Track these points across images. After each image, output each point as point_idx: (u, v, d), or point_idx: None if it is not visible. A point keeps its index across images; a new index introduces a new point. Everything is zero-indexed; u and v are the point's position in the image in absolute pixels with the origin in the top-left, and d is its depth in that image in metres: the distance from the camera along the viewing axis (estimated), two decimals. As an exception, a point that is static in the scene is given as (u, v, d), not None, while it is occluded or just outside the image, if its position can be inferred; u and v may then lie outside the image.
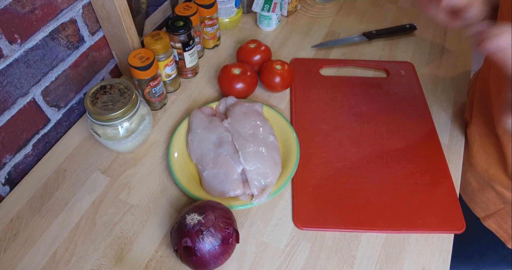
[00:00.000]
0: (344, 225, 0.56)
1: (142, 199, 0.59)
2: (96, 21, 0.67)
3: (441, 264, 0.53)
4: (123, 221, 0.57)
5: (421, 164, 0.63)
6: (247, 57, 0.74)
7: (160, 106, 0.72)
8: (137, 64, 0.61)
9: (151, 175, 0.62)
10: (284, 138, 0.65)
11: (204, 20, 0.78)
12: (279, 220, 0.57)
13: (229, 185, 0.57)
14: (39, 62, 0.60)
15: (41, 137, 0.65)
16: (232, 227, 0.50)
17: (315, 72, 0.78)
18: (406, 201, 0.59)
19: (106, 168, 0.63)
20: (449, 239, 0.55)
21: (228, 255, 0.50)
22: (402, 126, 0.68)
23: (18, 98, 0.59)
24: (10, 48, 0.54)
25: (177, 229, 0.49)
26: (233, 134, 0.62)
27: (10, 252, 0.54)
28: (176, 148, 0.63)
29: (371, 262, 0.53)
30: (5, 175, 0.61)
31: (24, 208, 0.59)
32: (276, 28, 0.89)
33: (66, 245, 0.55)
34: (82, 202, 0.59)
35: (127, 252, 0.54)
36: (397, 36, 0.86)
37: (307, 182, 0.61)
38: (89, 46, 0.68)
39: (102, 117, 0.56)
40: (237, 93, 0.70)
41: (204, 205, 0.51)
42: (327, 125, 0.69)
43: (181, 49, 0.71)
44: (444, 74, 0.78)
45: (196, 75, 0.79)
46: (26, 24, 0.55)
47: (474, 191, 0.65)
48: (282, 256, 0.54)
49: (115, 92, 0.58)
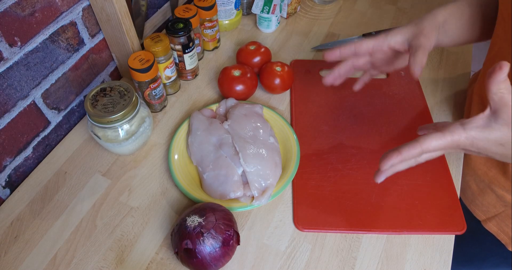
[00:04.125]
0: (344, 226, 0.56)
1: (142, 201, 0.59)
2: (96, 23, 0.67)
3: (442, 265, 0.53)
4: (123, 224, 0.57)
5: (422, 165, 0.62)
6: (247, 59, 0.74)
7: (160, 108, 0.72)
8: (137, 67, 0.61)
9: (151, 177, 0.62)
10: (284, 140, 0.65)
11: (204, 22, 0.78)
12: (279, 221, 0.57)
13: (230, 187, 0.57)
14: (39, 65, 0.60)
15: (41, 140, 0.65)
16: (233, 229, 0.50)
17: (315, 74, 0.78)
18: (406, 202, 0.58)
19: (107, 171, 0.63)
20: (450, 240, 0.55)
21: (228, 257, 0.50)
22: (403, 127, 0.68)
23: (18, 100, 0.59)
24: (10, 51, 0.54)
25: (177, 231, 0.49)
26: (233, 136, 0.62)
27: (11, 255, 0.54)
28: (176, 150, 0.63)
29: (372, 263, 0.53)
30: (5, 178, 0.61)
31: (24, 211, 0.59)
32: (275, 30, 0.89)
33: (67, 247, 0.55)
34: (82, 204, 0.59)
35: (128, 254, 0.54)
36: (396, 37, 0.86)
37: (308, 183, 0.61)
38: (89, 49, 0.69)
39: (102, 120, 0.56)
40: (237, 95, 0.70)
41: (204, 207, 0.51)
42: (327, 126, 0.69)
43: (181, 51, 0.71)
44: (444, 75, 0.78)
45: (196, 77, 0.79)
46: (26, 27, 0.55)
47: (474, 194, 0.65)
48: (283, 258, 0.54)
49: (115, 95, 0.58)
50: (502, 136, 0.39)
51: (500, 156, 0.42)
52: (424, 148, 0.41)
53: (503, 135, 0.39)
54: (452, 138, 0.40)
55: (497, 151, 0.41)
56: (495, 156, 0.43)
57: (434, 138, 0.41)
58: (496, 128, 0.39)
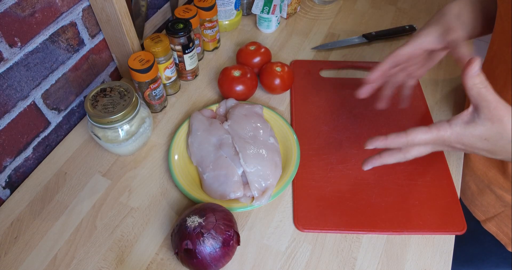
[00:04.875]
0: (345, 226, 0.56)
1: (142, 202, 0.59)
2: (96, 24, 0.67)
3: (442, 265, 0.53)
4: (123, 224, 0.57)
5: (422, 165, 0.63)
6: (247, 59, 0.74)
7: (160, 108, 0.72)
8: (137, 67, 0.61)
9: (151, 177, 0.62)
10: (284, 140, 0.65)
11: (204, 22, 0.78)
12: (279, 222, 0.57)
13: (230, 187, 0.57)
14: (39, 65, 0.60)
15: (41, 140, 0.65)
16: (233, 229, 0.50)
17: (315, 74, 0.78)
18: (406, 202, 0.58)
19: (107, 171, 0.63)
20: (450, 240, 0.55)
21: (229, 258, 0.50)
22: (403, 127, 0.68)
23: (18, 101, 0.59)
24: (10, 51, 0.54)
25: (177, 231, 0.49)
26: (233, 136, 0.62)
27: (11, 256, 0.54)
28: (176, 151, 0.63)
29: (372, 263, 0.53)
30: (5, 178, 0.61)
31: (24, 211, 0.59)
32: (275, 30, 0.89)
33: (67, 248, 0.55)
34: (82, 205, 0.59)
35: (128, 255, 0.54)
36: (396, 37, 0.86)
37: (308, 183, 0.61)
38: (89, 49, 0.69)
39: (102, 120, 0.56)
40: (237, 95, 0.70)
41: (204, 207, 0.51)
42: (327, 126, 0.69)
43: (181, 52, 0.71)
44: (444, 75, 0.78)
45: (196, 77, 0.79)
46: (26, 27, 0.55)
47: (474, 194, 0.65)
48: (283, 258, 0.54)
49: (115, 95, 0.58)
50: (485, 130, 0.40)
51: (487, 152, 0.43)
52: (410, 139, 0.43)
53: (486, 130, 0.40)
54: (438, 133, 0.42)
55: (482, 146, 0.42)
56: (481, 152, 0.43)
57: (420, 131, 0.42)
58: (479, 123, 0.40)
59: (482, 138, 0.41)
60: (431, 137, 0.42)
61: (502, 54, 0.52)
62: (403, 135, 0.43)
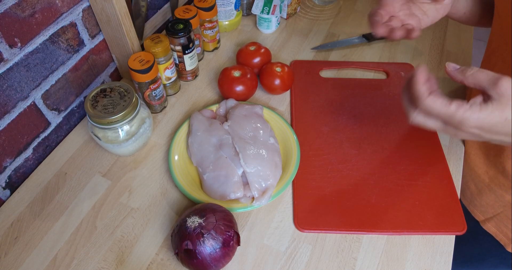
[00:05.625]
0: (345, 227, 0.56)
1: (142, 202, 0.59)
2: (96, 24, 0.67)
3: (442, 265, 0.53)
4: (123, 224, 0.57)
5: (422, 165, 0.63)
6: (247, 59, 0.74)
7: (160, 109, 0.72)
8: (137, 67, 0.61)
9: (151, 178, 0.62)
10: (285, 140, 0.65)
11: (204, 23, 0.78)
12: (280, 222, 0.57)
13: (230, 187, 0.57)
14: (39, 66, 0.60)
15: (41, 141, 0.65)
16: (233, 229, 0.50)
17: (315, 74, 0.78)
18: (407, 202, 0.59)
19: (107, 171, 0.63)
20: (450, 241, 0.55)
21: (229, 258, 0.50)
22: (402, 127, 0.68)
23: (19, 101, 0.59)
24: (10, 52, 0.54)
25: (177, 232, 0.49)
26: (233, 136, 0.62)
27: (11, 256, 0.54)
28: (176, 151, 0.63)
29: (372, 264, 0.53)
30: (5, 179, 0.61)
31: (24, 212, 0.59)
32: (275, 31, 0.89)
33: (67, 248, 0.55)
34: (82, 205, 0.59)
35: (128, 255, 0.54)
36: (396, 37, 0.86)
37: (308, 184, 0.61)
38: (89, 50, 0.69)
39: (103, 120, 0.56)
40: (237, 95, 0.70)
41: (204, 208, 0.51)
42: (328, 127, 0.69)
43: (181, 52, 0.71)
44: (444, 75, 0.78)
45: (196, 77, 0.79)
46: (26, 28, 0.55)
47: (473, 194, 0.65)
48: (283, 258, 0.54)
49: (115, 95, 0.58)
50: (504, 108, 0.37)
51: (505, 135, 0.39)
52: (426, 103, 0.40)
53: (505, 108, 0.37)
54: (457, 110, 0.38)
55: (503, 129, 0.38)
56: (499, 137, 0.40)
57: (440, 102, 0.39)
58: (495, 102, 0.37)
59: (503, 118, 0.38)
60: (446, 112, 0.39)
61: (501, 53, 0.52)
62: (424, 95, 0.40)
